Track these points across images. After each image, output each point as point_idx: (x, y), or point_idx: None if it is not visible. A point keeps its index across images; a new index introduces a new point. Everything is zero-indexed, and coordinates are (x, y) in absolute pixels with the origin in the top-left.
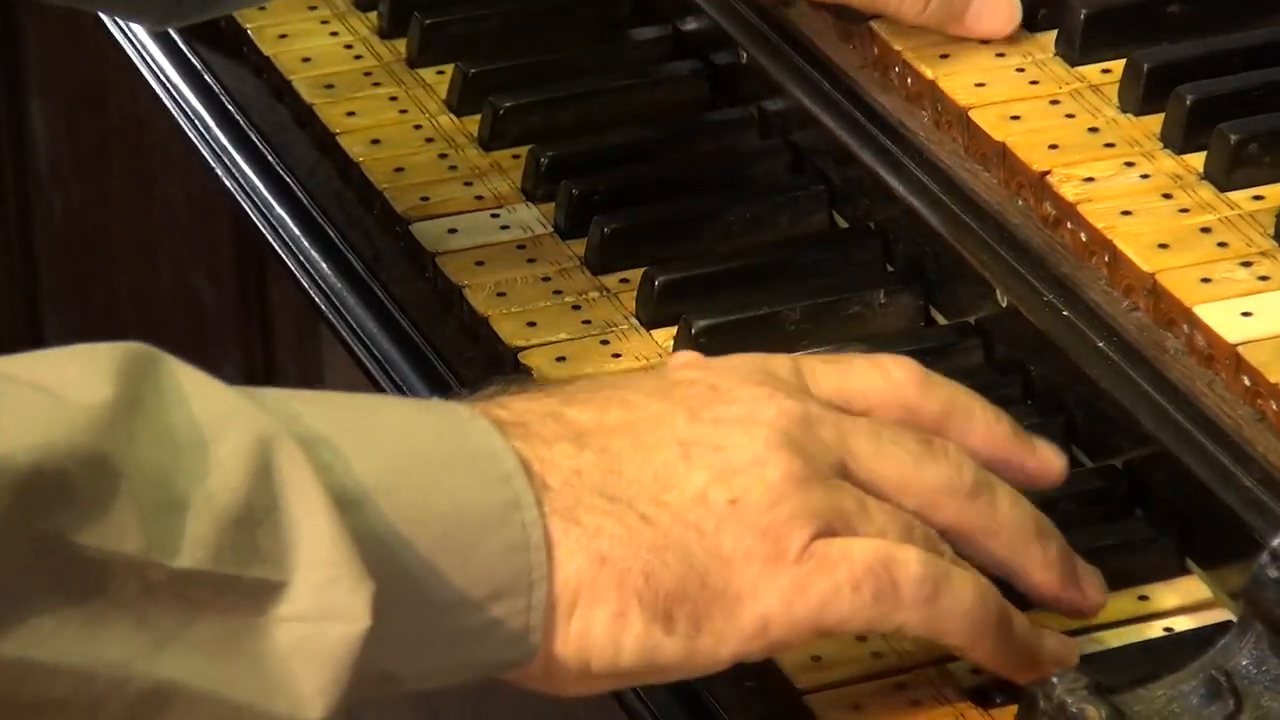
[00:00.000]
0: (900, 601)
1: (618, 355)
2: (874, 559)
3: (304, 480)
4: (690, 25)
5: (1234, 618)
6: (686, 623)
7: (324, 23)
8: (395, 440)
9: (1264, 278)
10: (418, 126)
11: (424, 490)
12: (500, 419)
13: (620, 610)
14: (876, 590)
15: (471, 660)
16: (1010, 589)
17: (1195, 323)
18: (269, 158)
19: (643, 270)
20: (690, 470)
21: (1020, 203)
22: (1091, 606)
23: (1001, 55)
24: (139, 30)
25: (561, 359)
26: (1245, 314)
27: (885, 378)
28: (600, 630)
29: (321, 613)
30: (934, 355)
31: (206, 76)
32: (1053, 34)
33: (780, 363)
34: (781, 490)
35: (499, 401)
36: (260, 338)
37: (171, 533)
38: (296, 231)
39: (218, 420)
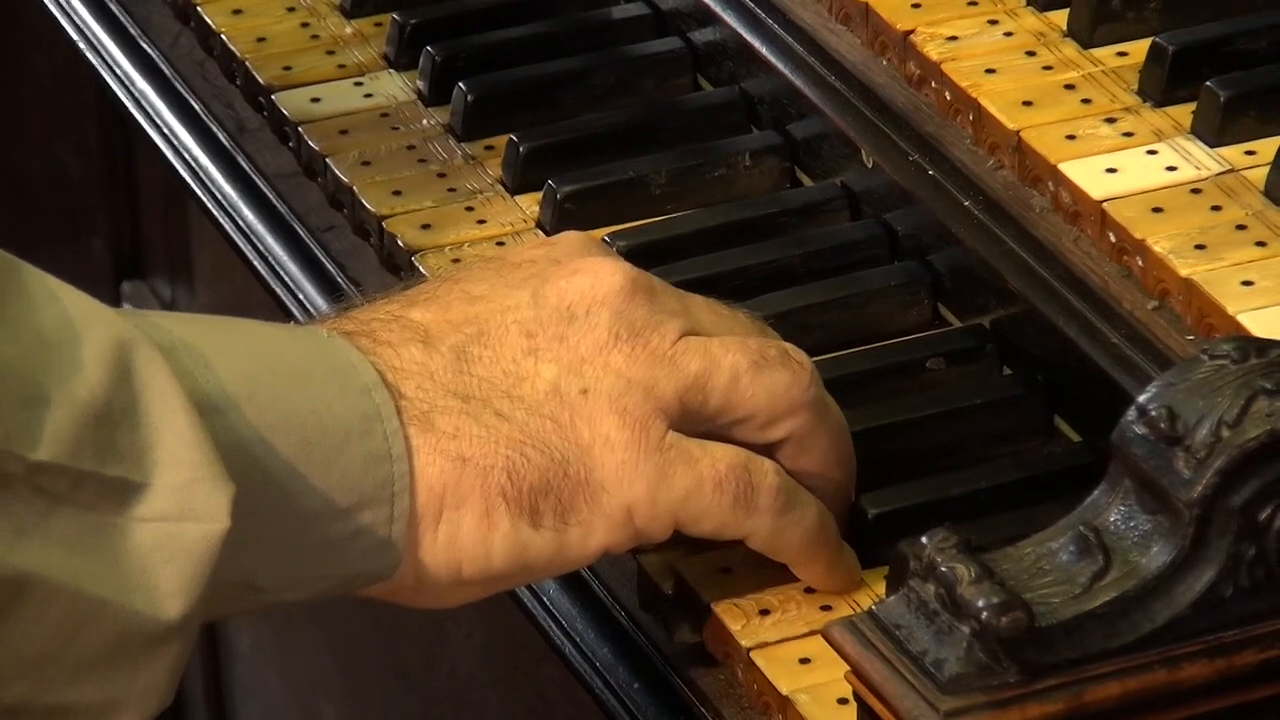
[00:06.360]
0: (756, 507)
1: (483, 221)
2: (736, 461)
3: (162, 383)
4: None
5: None
6: (553, 515)
7: None
8: (257, 350)
9: (1128, 134)
10: None
11: (286, 398)
12: (348, 332)
13: (486, 510)
14: (736, 493)
15: (336, 571)
16: None
17: (1061, 180)
18: (131, 30)
19: (507, 137)
20: (539, 365)
21: (884, 62)
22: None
23: None
24: None
25: (427, 226)
26: (1110, 170)
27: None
28: (469, 533)
29: (181, 513)
30: (800, 215)
31: None
32: None
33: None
34: (630, 375)
35: (345, 316)
36: (128, 211)
37: (31, 426)
38: (160, 104)
39: (81, 321)
